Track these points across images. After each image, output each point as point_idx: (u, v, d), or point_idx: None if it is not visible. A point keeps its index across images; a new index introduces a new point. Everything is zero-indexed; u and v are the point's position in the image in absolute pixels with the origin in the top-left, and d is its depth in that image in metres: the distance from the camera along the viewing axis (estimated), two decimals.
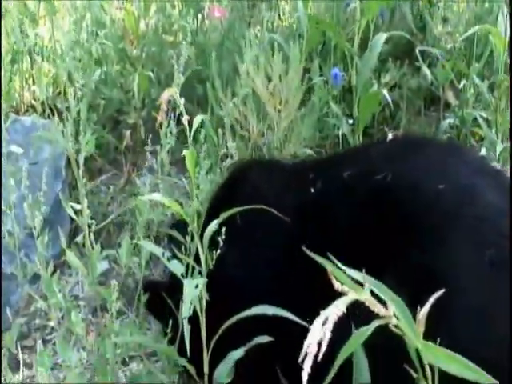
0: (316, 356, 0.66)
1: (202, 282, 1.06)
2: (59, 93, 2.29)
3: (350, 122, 2.14)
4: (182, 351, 1.20)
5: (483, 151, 1.77)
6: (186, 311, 1.01)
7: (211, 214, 1.21)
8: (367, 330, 0.72)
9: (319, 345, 0.67)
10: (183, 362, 1.16)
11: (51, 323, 1.77)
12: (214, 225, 1.11)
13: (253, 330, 1.21)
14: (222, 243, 1.20)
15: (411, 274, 1.10)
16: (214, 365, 1.19)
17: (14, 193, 1.70)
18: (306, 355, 0.67)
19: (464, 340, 0.99)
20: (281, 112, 2.00)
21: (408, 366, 0.76)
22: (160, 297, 1.34)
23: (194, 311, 1.11)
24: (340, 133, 2.14)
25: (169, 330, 1.29)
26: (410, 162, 1.23)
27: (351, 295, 0.70)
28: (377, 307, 0.69)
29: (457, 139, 2.06)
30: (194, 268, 1.16)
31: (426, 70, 2.15)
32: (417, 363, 0.74)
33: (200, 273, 1.12)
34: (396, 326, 0.70)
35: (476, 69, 1.98)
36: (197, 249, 1.15)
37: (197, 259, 1.17)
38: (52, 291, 1.25)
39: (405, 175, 1.19)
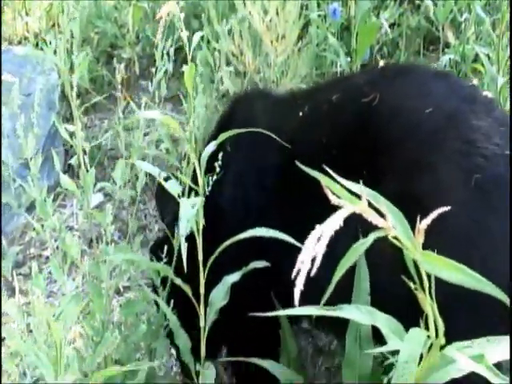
0: (309, 273, 0.65)
1: (199, 201, 1.06)
2: (53, 25, 2.24)
3: (348, 59, 2.11)
4: (177, 273, 1.21)
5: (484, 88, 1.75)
6: (182, 229, 1.00)
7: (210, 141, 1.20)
8: (366, 242, 0.71)
9: (313, 261, 0.65)
10: (179, 281, 1.16)
11: (46, 253, 1.78)
12: (211, 146, 1.10)
13: (248, 254, 1.21)
14: (218, 168, 1.20)
15: (396, 198, 1.10)
16: (209, 287, 1.20)
17: (8, 122, 1.68)
18: (298, 272, 0.66)
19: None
20: (277, 47, 1.97)
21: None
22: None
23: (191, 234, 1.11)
24: (338, 70, 2.12)
25: (164, 255, 1.29)
26: (397, 86, 1.21)
27: (348, 208, 0.68)
28: (375, 218, 0.68)
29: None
30: (190, 190, 1.15)
31: (427, 1, 2.10)
32: (415, 275, 0.73)
33: (197, 193, 1.11)
34: (395, 238, 0.69)
35: (479, 3, 1.95)
36: (193, 171, 1.14)
37: (193, 182, 1.16)
38: (46, 213, 1.24)
39: (391, 98, 1.18)
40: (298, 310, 0.81)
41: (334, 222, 0.64)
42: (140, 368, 1.18)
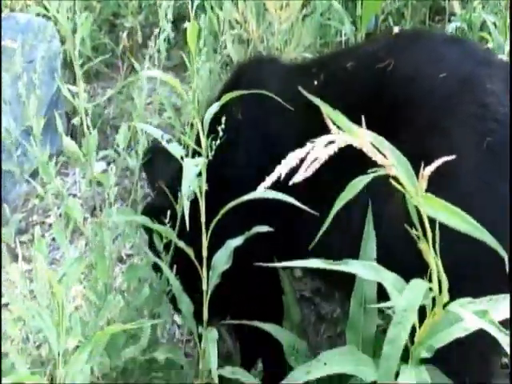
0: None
1: (202, 162, 1.05)
2: None
3: (353, 28, 2.09)
4: (181, 236, 1.20)
5: None
6: (185, 188, 0.99)
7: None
8: (365, 179, 0.70)
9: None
10: (182, 244, 1.16)
11: (49, 220, 1.78)
12: (214, 107, 1.09)
13: (252, 218, 1.21)
14: (222, 132, 1.18)
15: (410, 162, 1.09)
16: (212, 250, 1.20)
17: (9, 88, 1.67)
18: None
19: None
20: (281, 15, 1.94)
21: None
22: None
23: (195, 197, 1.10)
24: (342, 39, 2.10)
25: (167, 220, 1.28)
26: (412, 51, 1.21)
27: (347, 138, 0.67)
28: (375, 155, 0.67)
29: None
30: (194, 154, 1.14)
31: None
32: (417, 222, 0.73)
33: (200, 155, 1.10)
34: (395, 179, 0.69)
35: None
36: (197, 134, 1.12)
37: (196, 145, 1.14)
38: (49, 175, 1.23)
39: (406, 65, 1.18)
40: (303, 263, 0.81)
41: (330, 137, 0.62)
42: (143, 326, 1.18)
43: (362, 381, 1.05)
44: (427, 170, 0.68)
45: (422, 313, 0.84)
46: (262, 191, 1.08)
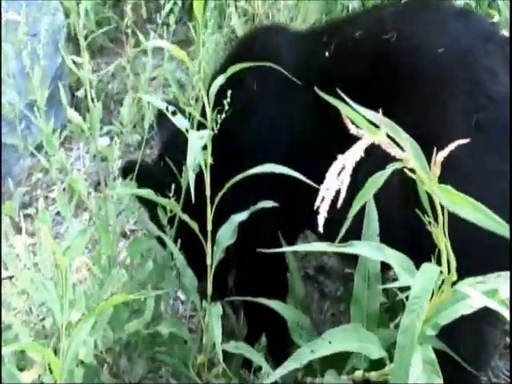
0: (333, 202, 0.64)
1: (207, 134, 1.04)
2: None
3: (360, 4, 2.06)
4: (185, 210, 1.20)
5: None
6: (190, 160, 0.98)
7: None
8: (384, 174, 0.70)
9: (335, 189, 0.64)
10: (186, 218, 1.15)
11: (53, 194, 1.77)
12: (220, 79, 1.07)
13: (258, 192, 1.20)
14: (227, 106, 1.16)
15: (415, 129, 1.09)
16: (216, 225, 1.19)
17: (13, 62, 1.66)
18: (322, 199, 0.65)
19: None
20: None
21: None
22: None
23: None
24: None
25: (171, 194, 1.27)
26: (419, 21, 1.21)
27: (368, 138, 0.67)
28: (394, 150, 0.66)
29: None
30: (199, 124, 1.13)
31: None
32: (428, 209, 0.72)
33: (205, 127, 1.09)
34: (411, 170, 0.68)
35: None
36: (203, 107, 1.11)
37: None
38: (53, 147, 1.22)
39: (412, 33, 1.18)
40: (309, 246, 0.80)
41: (356, 152, 0.62)
42: (146, 300, 1.18)
43: (366, 358, 1.04)
44: (439, 156, 0.67)
45: None
46: (269, 166, 1.09)
